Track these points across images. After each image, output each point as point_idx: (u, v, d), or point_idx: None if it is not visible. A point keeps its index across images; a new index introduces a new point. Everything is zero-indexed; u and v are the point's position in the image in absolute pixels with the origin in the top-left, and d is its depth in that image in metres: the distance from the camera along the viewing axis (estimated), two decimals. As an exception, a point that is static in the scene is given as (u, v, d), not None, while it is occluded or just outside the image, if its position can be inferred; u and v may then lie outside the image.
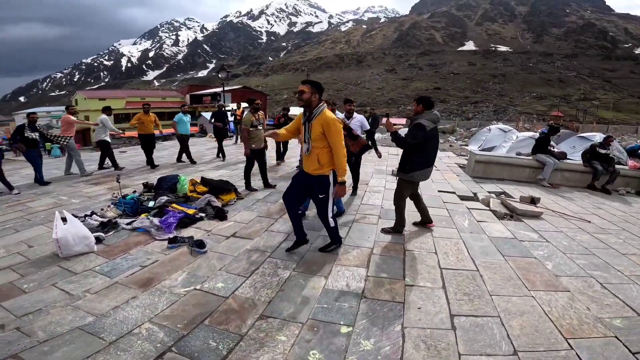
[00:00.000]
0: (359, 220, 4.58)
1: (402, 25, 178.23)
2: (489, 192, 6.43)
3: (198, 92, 47.27)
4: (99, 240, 3.79)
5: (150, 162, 8.33)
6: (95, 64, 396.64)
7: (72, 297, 2.70)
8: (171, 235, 3.89)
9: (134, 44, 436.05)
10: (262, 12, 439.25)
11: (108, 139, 7.99)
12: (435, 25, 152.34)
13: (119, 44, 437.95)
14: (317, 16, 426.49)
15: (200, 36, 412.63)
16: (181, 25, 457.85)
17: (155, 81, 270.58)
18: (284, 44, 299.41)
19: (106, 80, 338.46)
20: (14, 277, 2.99)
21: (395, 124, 4.15)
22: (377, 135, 15.61)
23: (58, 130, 8.07)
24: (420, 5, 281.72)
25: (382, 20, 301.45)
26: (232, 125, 13.87)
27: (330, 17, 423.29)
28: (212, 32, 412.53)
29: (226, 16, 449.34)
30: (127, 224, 4.24)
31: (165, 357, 2.07)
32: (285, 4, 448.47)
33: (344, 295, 2.78)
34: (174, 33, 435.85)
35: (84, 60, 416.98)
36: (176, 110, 11.96)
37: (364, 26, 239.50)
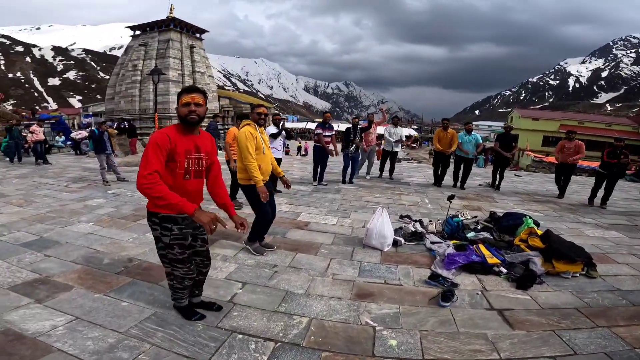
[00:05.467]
0: None
1: None
2: None
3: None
4: (396, 244, 4.17)
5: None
6: (541, 83, 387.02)
7: (322, 273, 3.38)
8: (440, 271, 3.41)
9: (583, 62, 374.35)
10: None
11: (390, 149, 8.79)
12: None
13: (565, 63, 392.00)
14: None
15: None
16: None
17: (607, 105, 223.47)
18: None
19: (550, 100, 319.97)
20: (327, 242, 4.20)
21: None
22: None
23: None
24: None
25: None
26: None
27: None
28: None
29: None
30: (431, 242, 4.21)
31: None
32: None
33: None
34: (633, 50, 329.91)
35: (529, 79, 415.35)
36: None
37: None
